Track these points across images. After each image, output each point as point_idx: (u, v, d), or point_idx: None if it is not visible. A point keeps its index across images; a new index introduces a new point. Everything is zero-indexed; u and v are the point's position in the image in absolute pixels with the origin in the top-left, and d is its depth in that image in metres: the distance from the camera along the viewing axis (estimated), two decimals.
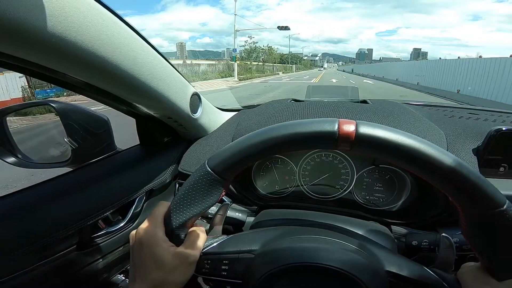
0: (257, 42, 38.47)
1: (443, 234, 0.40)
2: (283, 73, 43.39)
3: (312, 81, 20.07)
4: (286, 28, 29.03)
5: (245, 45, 39.86)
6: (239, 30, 23.50)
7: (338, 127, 0.29)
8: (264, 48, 46.06)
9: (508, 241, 0.28)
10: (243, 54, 39.93)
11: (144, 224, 0.35)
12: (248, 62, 33.48)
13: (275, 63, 48.85)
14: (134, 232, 0.36)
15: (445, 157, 0.27)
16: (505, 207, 0.27)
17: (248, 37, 40.77)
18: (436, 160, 0.27)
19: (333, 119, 0.30)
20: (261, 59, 41.70)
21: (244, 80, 20.96)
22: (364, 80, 23.98)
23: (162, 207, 0.36)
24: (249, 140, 0.32)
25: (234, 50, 22.90)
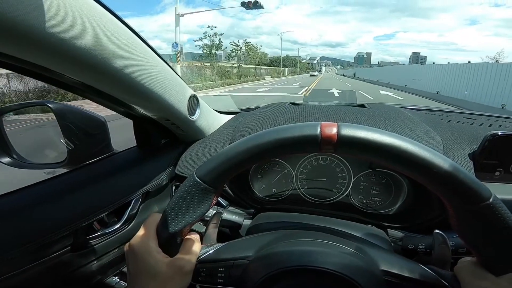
0: (221, 34, 23.93)
1: (436, 231, 0.40)
2: (272, 77, 35.49)
3: (301, 93, 11.24)
4: (255, 4, 15.05)
5: (204, 37, 23.49)
6: (182, 15, 14.84)
7: (321, 130, 0.29)
8: (238, 44, 31.95)
9: (499, 235, 0.28)
10: (203, 51, 23.93)
11: (137, 236, 0.35)
12: (208, 64, 21.46)
13: (258, 64, 35.60)
14: (127, 244, 0.36)
15: (426, 153, 0.27)
16: (491, 200, 0.27)
17: (208, 27, 23.89)
18: (417, 156, 0.27)
19: (315, 122, 0.30)
20: (235, 59, 30.50)
21: (198, 90, 12.43)
22: (382, 92, 15.20)
23: (154, 218, 0.36)
24: (235, 148, 0.32)
25: (174, 45, 14.30)
